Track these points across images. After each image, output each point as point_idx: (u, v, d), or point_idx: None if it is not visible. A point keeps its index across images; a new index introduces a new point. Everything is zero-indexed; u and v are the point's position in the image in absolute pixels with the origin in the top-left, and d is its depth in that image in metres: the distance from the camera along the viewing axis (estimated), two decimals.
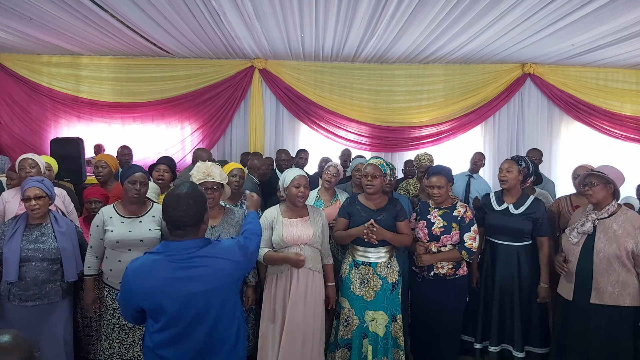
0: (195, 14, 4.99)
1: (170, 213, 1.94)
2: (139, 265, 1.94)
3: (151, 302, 1.89)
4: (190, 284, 1.90)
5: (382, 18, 5.01)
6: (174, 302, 1.88)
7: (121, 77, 7.33)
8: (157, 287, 1.87)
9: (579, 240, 3.03)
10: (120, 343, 3.04)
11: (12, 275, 2.87)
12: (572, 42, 5.85)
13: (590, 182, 2.99)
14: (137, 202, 3.12)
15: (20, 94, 7.35)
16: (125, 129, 7.48)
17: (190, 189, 2.00)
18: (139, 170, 3.13)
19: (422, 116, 7.55)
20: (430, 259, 3.31)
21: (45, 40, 6.31)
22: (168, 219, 1.96)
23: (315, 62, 7.43)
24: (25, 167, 3.57)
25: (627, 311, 2.88)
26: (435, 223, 3.37)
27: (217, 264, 1.97)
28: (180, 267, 1.90)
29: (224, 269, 1.99)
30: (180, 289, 1.88)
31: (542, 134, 7.57)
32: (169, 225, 1.96)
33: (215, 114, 7.42)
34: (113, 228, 3.02)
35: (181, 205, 1.93)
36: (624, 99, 7.37)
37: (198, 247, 1.96)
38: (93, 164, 4.42)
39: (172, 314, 1.88)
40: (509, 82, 7.40)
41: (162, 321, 1.91)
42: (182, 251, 1.93)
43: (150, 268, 1.91)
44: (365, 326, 3.26)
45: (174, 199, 1.95)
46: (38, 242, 2.96)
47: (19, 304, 2.94)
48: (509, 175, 3.51)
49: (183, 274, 1.89)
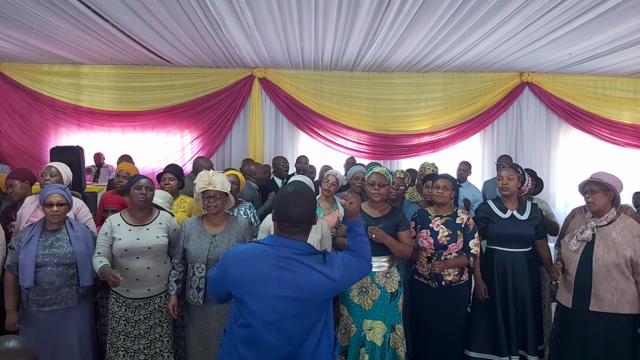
0: (195, 23, 5.02)
1: (291, 209, 1.91)
2: (243, 250, 1.93)
3: (239, 292, 1.87)
4: (279, 288, 1.84)
5: (381, 27, 5.05)
6: (258, 300, 1.84)
7: (121, 86, 7.38)
8: (251, 279, 1.85)
9: (578, 248, 3.03)
10: (125, 351, 3.03)
11: (28, 280, 2.88)
12: (569, 51, 5.90)
13: (591, 189, 2.98)
14: (144, 208, 3.13)
15: (20, 102, 7.39)
16: (125, 137, 7.52)
17: (306, 188, 2.02)
18: (143, 177, 3.18)
19: (421, 124, 7.59)
20: (443, 265, 3.30)
21: (46, 49, 6.36)
22: (285, 215, 1.92)
23: (315, 71, 7.48)
24: (46, 174, 3.61)
25: (626, 318, 2.86)
26: (439, 232, 3.36)
27: (310, 277, 1.87)
28: (277, 266, 1.86)
29: (315, 284, 1.88)
30: (268, 288, 1.84)
31: (540, 142, 7.61)
32: (285, 221, 1.93)
33: (215, 123, 7.45)
34: (121, 236, 3.03)
35: (303, 201, 1.94)
36: (622, 107, 7.43)
37: (305, 253, 1.91)
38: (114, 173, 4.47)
39: (252, 311, 1.85)
40: (508, 91, 7.45)
41: (243, 315, 1.88)
42: (288, 248, 1.89)
43: (253, 257, 1.90)
44: (362, 334, 3.23)
45: (295, 195, 1.95)
46: (53, 247, 2.97)
47: (36, 309, 2.95)
48: (511, 182, 3.51)
49: (277, 274, 1.85)
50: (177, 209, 3.87)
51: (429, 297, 3.40)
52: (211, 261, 2.97)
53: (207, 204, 3.04)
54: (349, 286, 2.16)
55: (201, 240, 3.02)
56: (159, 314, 3.11)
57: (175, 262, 3.09)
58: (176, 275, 3.08)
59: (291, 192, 1.98)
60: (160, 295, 3.12)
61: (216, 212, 3.06)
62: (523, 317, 3.49)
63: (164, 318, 3.12)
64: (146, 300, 3.07)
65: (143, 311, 3.06)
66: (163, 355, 3.12)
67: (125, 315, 3.04)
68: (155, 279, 3.09)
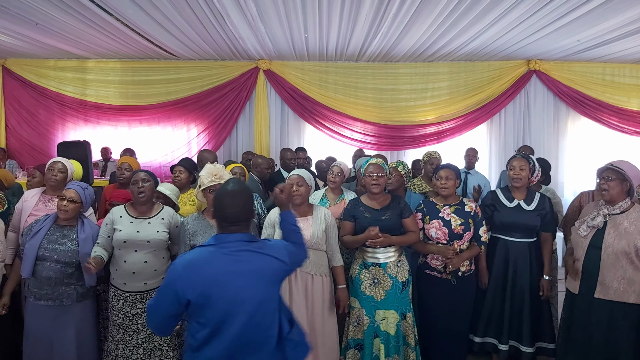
0: (199, 15, 5.01)
1: (226, 210, 1.97)
2: (192, 258, 1.94)
3: (200, 293, 1.85)
4: (238, 279, 1.89)
5: (386, 16, 5.00)
6: (221, 295, 1.86)
7: (127, 80, 7.39)
8: (210, 278, 1.87)
9: (588, 234, 3.00)
10: (124, 345, 3.05)
11: (27, 271, 2.92)
12: (577, 38, 5.82)
13: (607, 176, 2.93)
14: (145, 202, 3.13)
15: (27, 98, 7.43)
16: (131, 131, 7.54)
17: (238, 185, 2.05)
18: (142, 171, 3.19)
19: (428, 114, 7.54)
20: (459, 261, 3.27)
21: (51, 44, 6.37)
22: (222, 216, 1.98)
23: (320, 61, 7.44)
24: (53, 169, 3.61)
25: (631, 308, 2.85)
26: (451, 221, 3.33)
27: (265, 261, 1.98)
28: (232, 261, 1.91)
29: (271, 267, 1.99)
30: (230, 283, 1.88)
31: (548, 131, 7.54)
32: (223, 222, 1.98)
33: (220, 116, 7.45)
34: (122, 227, 3.04)
35: (237, 202, 1.98)
36: (630, 94, 7.33)
37: (248, 242, 1.98)
38: (117, 166, 4.48)
39: (215, 307, 1.87)
40: (515, 79, 7.37)
41: (203, 317, 1.88)
42: (234, 243, 1.95)
43: (206, 259, 1.92)
44: (376, 326, 3.24)
45: (229, 196, 1.98)
46: (57, 243, 2.98)
47: (34, 301, 2.98)
48: (522, 173, 3.47)
49: (234, 267, 1.90)
50: (186, 202, 3.87)
51: (440, 290, 3.37)
52: None
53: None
54: (296, 267, 2.23)
55: (208, 234, 3.02)
56: None
57: None
58: None
59: (225, 193, 2.01)
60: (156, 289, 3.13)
61: None
62: (520, 308, 3.48)
63: None
64: (142, 294, 3.07)
65: (140, 305, 3.06)
66: (162, 349, 3.12)
67: (123, 309, 3.05)
68: (152, 274, 3.08)
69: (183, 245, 3.08)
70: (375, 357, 3.23)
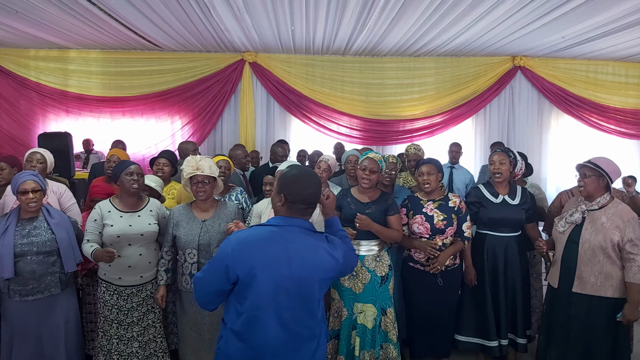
0: (184, 6, 4.93)
1: (307, 191, 1.90)
2: (249, 234, 1.87)
3: (248, 273, 1.78)
4: (287, 265, 1.81)
5: (372, 11, 4.99)
6: (267, 280, 1.79)
7: (110, 71, 7.26)
8: (262, 260, 1.79)
9: (566, 230, 3.06)
10: (118, 339, 3.03)
11: (8, 271, 2.83)
12: (562, 35, 5.88)
13: (584, 173, 2.98)
14: (137, 194, 3.09)
15: (7, 88, 7.26)
16: (114, 123, 7.42)
17: (305, 168, 2.02)
18: (132, 163, 3.13)
19: (414, 109, 7.56)
20: (444, 258, 3.29)
21: (32, 33, 6.22)
22: (301, 197, 1.89)
23: (306, 55, 7.40)
24: (32, 160, 3.55)
25: (608, 302, 2.91)
26: (434, 216, 3.35)
27: (323, 256, 1.90)
28: (287, 245, 1.83)
29: (328, 263, 1.90)
30: (278, 268, 1.80)
31: (532, 127, 7.63)
32: (300, 203, 1.90)
33: (205, 108, 7.38)
34: (112, 222, 2.99)
35: (315, 182, 1.95)
36: (611, 92, 7.46)
37: (312, 231, 1.93)
38: (105, 158, 4.38)
39: (258, 293, 1.79)
40: (500, 75, 7.44)
41: (247, 299, 1.81)
42: (297, 227, 1.89)
43: (263, 238, 1.85)
44: (354, 318, 3.26)
45: (309, 177, 1.95)
46: (31, 235, 2.91)
47: (19, 300, 2.90)
48: (503, 167, 3.50)
49: (286, 252, 1.82)
50: (165, 196, 3.83)
51: (423, 283, 3.40)
52: (202, 246, 2.96)
53: (196, 190, 3.01)
54: (346, 271, 2.15)
55: (191, 226, 3.00)
56: (152, 300, 3.10)
57: (164, 250, 3.08)
58: (165, 265, 3.07)
59: (304, 174, 1.97)
60: (152, 281, 3.12)
61: (205, 197, 3.04)
62: (513, 301, 3.52)
63: (156, 304, 3.11)
64: (138, 287, 3.06)
65: (136, 298, 3.05)
66: (156, 341, 3.13)
67: (118, 303, 3.02)
68: (147, 266, 3.08)
69: (166, 234, 3.07)
70: (352, 349, 3.25)
